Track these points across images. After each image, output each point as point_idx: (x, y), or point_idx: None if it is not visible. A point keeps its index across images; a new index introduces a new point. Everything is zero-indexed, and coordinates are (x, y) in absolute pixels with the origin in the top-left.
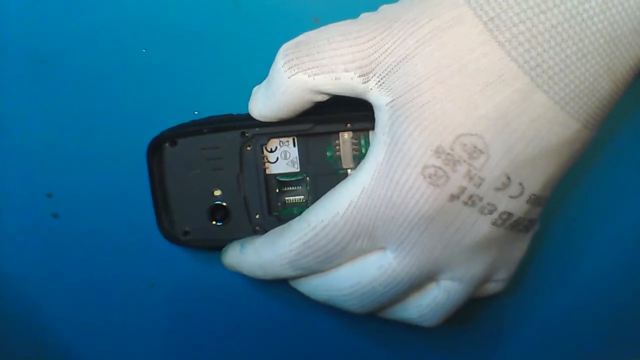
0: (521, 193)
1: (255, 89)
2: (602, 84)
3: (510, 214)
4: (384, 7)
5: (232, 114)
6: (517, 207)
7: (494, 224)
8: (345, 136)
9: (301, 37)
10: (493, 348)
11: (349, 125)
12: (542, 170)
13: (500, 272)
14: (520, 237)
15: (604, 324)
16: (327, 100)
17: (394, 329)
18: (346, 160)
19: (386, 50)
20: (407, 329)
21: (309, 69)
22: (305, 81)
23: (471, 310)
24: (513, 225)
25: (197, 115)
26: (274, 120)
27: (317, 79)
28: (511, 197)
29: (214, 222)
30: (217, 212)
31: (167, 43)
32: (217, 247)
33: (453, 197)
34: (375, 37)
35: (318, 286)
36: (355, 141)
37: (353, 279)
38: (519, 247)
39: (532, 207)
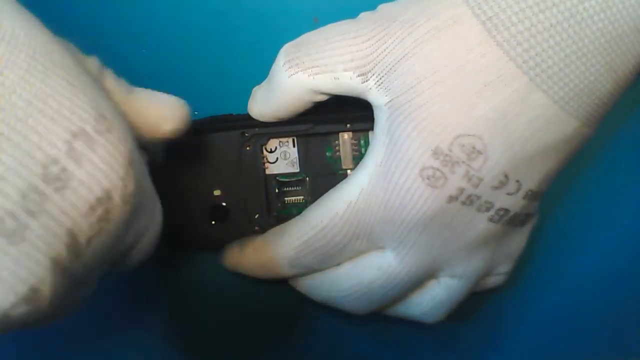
0: (518, 190)
1: (255, 89)
2: (602, 82)
3: (507, 210)
4: (383, 7)
5: (232, 114)
6: (514, 203)
7: (490, 220)
8: (345, 136)
9: (302, 38)
10: (493, 343)
11: (348, 125)
12: (540, 167)
13: (500, 266)
14: (517, 231)
15: (603, 320)
16: (327, 100)
17: (394, 325)
18: (346, 161)
19: (384, 50)
20: (407, 325)
21: (308, 68)
22: (305, 81)
23: (472, 306)
24: (510, 220)
25: (197, 115)
26: (273, 120)
27: (316, 79)
28: (508, 194)
29: (213, 222)
30: (217, 212)
31: (167, 43)
32: (217, 247)
33: (451, 199)
34: (374, 37)
35: (318, 287)
36: (355, 141)
37: (353, 279)
38: (518, 241)
39: (529, 203)
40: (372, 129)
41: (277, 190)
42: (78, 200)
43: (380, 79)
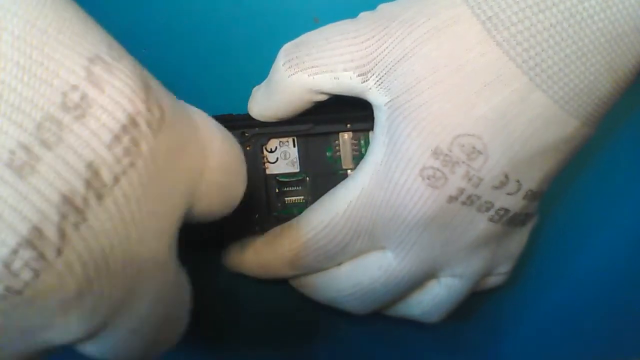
0: (518, 189)
1: (255, 89)
2: (602, 82)
3: (507, 210)
4: (383, 7)
5: (232, 114)
6: (514, 203)
7: (490, 220)
8: (345, 136)
9: (302, 38)
10: (493, 343)
11: (348, 125)
12: (540, 167)
13: (501, 266)
14: (518, 231)
15: (603, 320)
16: (327, 100)
17: (394, 325)
18: (346, 161)
19: (384, 50)
20: (407, 325)
21: (308, 68)
22: (305, 81)
23: (472, 306)
24: (510, 220)
25: None
26: (273, 120)
27: (316, 79)
28: (508, 194)
29: (213, 222)
30: None
31: (167, 43)
32: (217, 247)
33: (452, 199)
34: (373, 37)
35: (319, 287)
36: (355, 142)
37: (354, 279)
38: (518, 241)
39: (529, 202)
40: (372, 129)
41: (277, 190)
42: (100, 128)
43: (380, 78)
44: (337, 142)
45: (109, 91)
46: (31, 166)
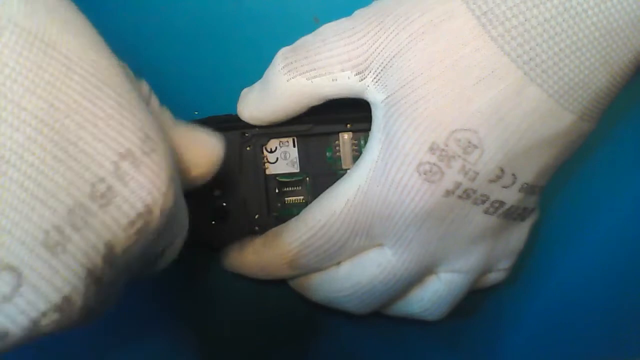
0: (513, 182)
1: (245, 91)
2: (598, 77)
3: (502, 202)
4: (377, 2)
5: (232, 114)
6: (509, 195)
7: (486, 212)
8: (345, 137)
9: (299, 41)
10: (494, 342)
11: (348, 125)
12: (536, 160)
13: (501, 262)
14: (517, 226)
15: (603, 320)
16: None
17: (395, 325)
18: (346, 161)
19: (380, 46)
20: (408, 324)
21: (307, 72)
22: (304, 84)
23: (472, 305)
24: (506, 213)
25: (197, 115)
26: (265, 123)
27: (315, 82)
28: (503, 187)
29: (213, 222)
30: (217, 212)
31: (168, 43)
32: (217, 247)
33: (448, 193)
34: (368, 33)
35: (318, 288)
36: (355, 142)
37: (353, 278)
38: (518, 237)
39: (526, 196)
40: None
41: (277, 191)
42: (120, 215)
43: (377, 75)
44: (337, 142)
45: (132, 185)
46: (62, 246)
